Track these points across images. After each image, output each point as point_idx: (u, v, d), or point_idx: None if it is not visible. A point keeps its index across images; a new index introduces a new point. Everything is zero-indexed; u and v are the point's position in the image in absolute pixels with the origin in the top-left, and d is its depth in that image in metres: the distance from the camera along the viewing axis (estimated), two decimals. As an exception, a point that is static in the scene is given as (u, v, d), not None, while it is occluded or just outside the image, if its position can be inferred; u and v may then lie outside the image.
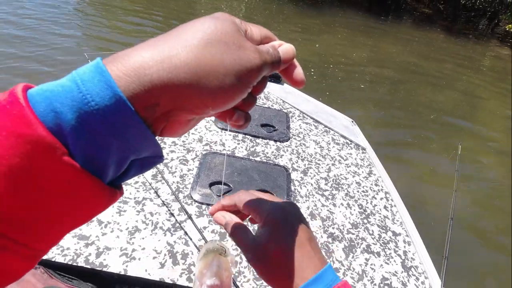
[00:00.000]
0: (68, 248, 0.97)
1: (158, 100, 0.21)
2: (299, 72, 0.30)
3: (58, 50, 4.05)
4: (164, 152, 1.42)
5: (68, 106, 0.19)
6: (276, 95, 2.17)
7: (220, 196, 1.26)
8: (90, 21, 5.18)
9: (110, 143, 0.20)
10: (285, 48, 0.29)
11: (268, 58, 0.27)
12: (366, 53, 6.87)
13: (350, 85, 5.17)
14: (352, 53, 6.70)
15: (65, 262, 0.93)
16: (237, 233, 0.39)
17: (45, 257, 0.94)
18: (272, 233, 0.36)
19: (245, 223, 0.43)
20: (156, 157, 0.26)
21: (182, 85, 0.21)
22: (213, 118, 1.74)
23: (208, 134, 1.61)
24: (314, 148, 1.72)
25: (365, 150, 1.83)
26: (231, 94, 0.24)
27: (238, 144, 1.60)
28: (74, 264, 0.93)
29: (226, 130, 1.67)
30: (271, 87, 2.27)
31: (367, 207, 1.42)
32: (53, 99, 0.19)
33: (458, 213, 1.27)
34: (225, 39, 0.23)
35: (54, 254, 0.94)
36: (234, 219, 0.41)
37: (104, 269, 0.94)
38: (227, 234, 0.41)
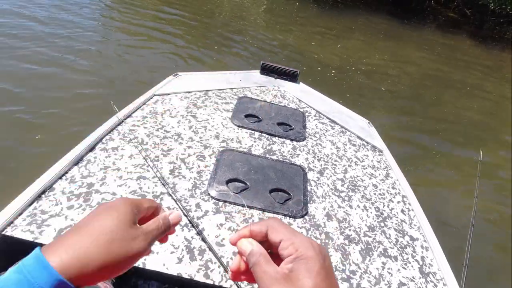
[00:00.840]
0: None
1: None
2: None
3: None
4: (182, 147, 1.43)
5: None
6: (292, 94, 2.15)
7: (237, 193, 1.26)
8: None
9: None
10: (174, 216, 0.47)
11: (156, 233, 0.43)
12: (388, 57, 6.63)
13: (371, 88, 5.05)
14: (373, 56, 6.50)
15: None
16: (263, 264, 0.34)
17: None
18: (310, 271, 0.32)
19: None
20: None
21: (93, 274, 0.34)
22: (229, 115, 1.74)
23: (224, 131, 1.61)
24: (331, 149, 1.70)
25: (382, 152, 1.80)
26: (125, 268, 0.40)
27: (255, 142, 1.59)
28: None
29: (242, 127, 1.67)
30: (287, 86, 2.26)
31: (384, 210, 1.40)
32: None
33: (478, 220, 1.24)
34: (121, 232, 0.37)
35: None
36: (260, 248, 0.37)
37: None
38: (249, 265, 0.35)
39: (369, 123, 2.06)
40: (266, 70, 2.32)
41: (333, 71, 5.33)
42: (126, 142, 1.38)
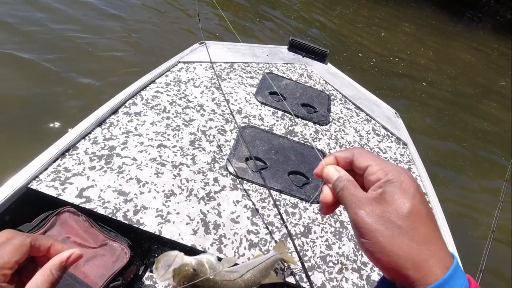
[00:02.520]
0: (109, 202, 1.00)
1: None
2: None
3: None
4: (203, 119, 1.41)
5: None
6: (319, 74, 2.07)
7: (255, 172, 1.24)
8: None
9: None
10: (73, 256, 0.38)
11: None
12: (433, 54, 6.05)
13: (409, 84, 4.75)
14: (418, 50, 5.97)
15: (106, 214, 0.97)
16: (351, 187, 0.32)
17: (87, 206, 0.98)
18: (406, 193, 0.29)
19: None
20: None
21: None
22: (254, 90, 1.70)
23: (247, 106, 1.58)
24: (354, 136, 1.65)
25: (406, 145, 1.73)
26: None
27: (277, 121, 1.55)
28: (114, 217, 0.97)
29: (266, 104, 1.62)
30: (314, 65, 2.16)
31: None
32: None
33: (499, 227, 1.19)
34: None
35: (96, 205, 0.98)
36: (347, 174, 0.34)
37: (141, 227, 0.97)
38: (336, 191, 0.33)
39: (396, 113, 1.98)
40: (294, 47, 2.22)
41: (374, 60, 5.04)
42: (148, 108, 1.37)
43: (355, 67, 4.57)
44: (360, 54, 5.12)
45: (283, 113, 1.62)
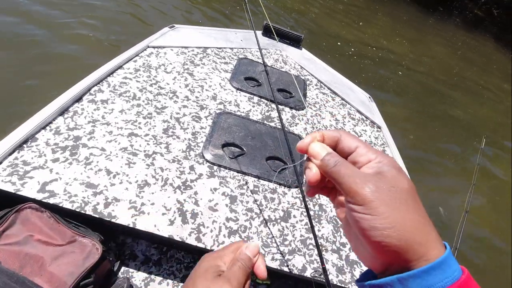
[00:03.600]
0: (76, 195, 0.93)
1: None
2: (263, 268, 0.38)
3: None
4: (177, 106, 1.35)
5: None
6: (294, 60, 2.05)
7: (232, 158, 1.21)
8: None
9: None
10: (251, 249, 0.38)
11: (239, 274, 0.36)
12: (408, 44, 6.25)
13: (385, 72, 4.86)
14: (393, 40, 6.12)
15: (73, 208, 0.90)
16: (347, 163, 0.30)
17: (52, 201, 0.90)
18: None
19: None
20: None
21: None
22: (228, 76, 1.65)
23: (222, 92, 1.53)
24: (330, 120, 1.66)
25: (380, 128, 1.77)
26: None
27: (253, 106, 1.52)
28: (82, 211, 0.90)
29: (241, 90, 1.58)
30: (289, 50, 2.14)
31: None
32: None
33: (472, 209, 1.25)
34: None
35: (61, 200, 0.91)
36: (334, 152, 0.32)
37: (113, 220, 0.91)
38: (328, 167, 0.30)
39: (369, 97, 2.01)
40: (269, 32, 2.18)
41: (352, 49, 5.07)
42: (116, 95, 1.29)
43: (334, 56, 4.60)
44: (339, 43, 5.15)
45: (259, 98, 1.58)
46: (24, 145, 1.00)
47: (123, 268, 1.06)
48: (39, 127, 1.06)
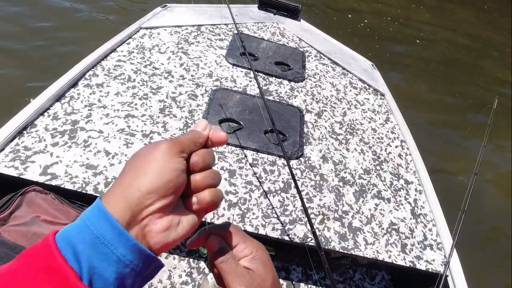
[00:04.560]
0: (77, 176, 0.95)
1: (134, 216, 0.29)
2: (218, 133, 0.37)
3: None
4: (172, 85, 1.34)
5: (83, 243, 0.26)
6: (292, 32, 1.98)
7: (230, 133, 1.21)
8: None
9: (111, 259, 0.27)
10: (213, 132, 0.37)
11: (189, 142, 0.34)
12: (429, 13, 5.81)
13: (402, 45, 4.48)
14: (411, 10, 5.71)
15: (75, 189, 0.92)
16: (232, 262, 0.36)
17: (54, 183, 0.93)
18: (267, 268, 0.36)
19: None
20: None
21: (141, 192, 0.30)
22: (224, 52, 1.61)
23: (218, 69, 1.50)
24: (330, 91, 1.62)
25: (383, 96, 1.72)
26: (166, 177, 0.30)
27: (250, 81, 1.50)
28: (84, 192, 0.92)
29: (237, 66, 1.55)
30: (287, 23, 2.07)
31: (381, 154, 1.37)
32: (72, 239, 0.26)
33: (481, 171, 1.21)
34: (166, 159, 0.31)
35: (63, 181, 0.93)
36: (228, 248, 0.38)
37: None
38: (218, 262, 0.36)
39: (372, 65, 1.94)
40: (265, 5, 2.11)
41: (366, 21, 4.79)
42: (111, 78, 1.28)
43: (345, 30, 4.39)
44: (349, 16, 4.92)
45: (256, 73, 1.55)
46: (24, 132, 1.02)
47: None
48: (37, 113, 1.08)
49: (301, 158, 1.23)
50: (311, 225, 0.79)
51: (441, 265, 1.04)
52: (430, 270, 1.02)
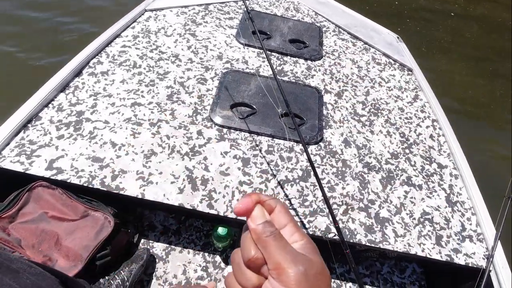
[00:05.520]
0: (83, 170, 0.91)
1: None
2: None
3: None
4: (180, 70, 1.26)
5: None
6: (307, 6, 1.83)
7: (242, 118, 1.12)
8: None
9: None
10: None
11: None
12: None
13: (433, 20, 4.16)
14: None
15: (81, 183, 0.88)
16: (278, 237, 0.28)
17: (60, 178, 0.88)
18: (321, 259, 0.28)
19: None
20: None
21: None
22: (234, 32, 1.51)
23: (228, 50, 1.40)
24: (351, 68, 1.48)
25: (411, 71, 1.56)
26: None
27: (263, 62, 1.39)
28: (90, 186, 0.88)
29: (249, 46, 1.44)
30: (302, -4, 1.91)
31: (410, 136, 1.24)
32: None
33: None
34: None
35: (69, 176, 0.89)
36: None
37: (121, 192, 0.88)
38: (262, 235, 0.27)
39: (398, 37, 1.76)
40: None
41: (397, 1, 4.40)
42: (116, 65, 1.22)
43: (373, 8, 4.04)
44: None
45: (269, 52, 1.44)
46: (29, 125, 0.98)
47: (143, 240, 1.06)
48: (42, 105, 1.03)
49: (320, 143, 1.13)
50: (334, 219, 0.70)
51: (483, 259, 0.93)
52: (470, 265, 0.91)
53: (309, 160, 0.76)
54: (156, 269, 1.00)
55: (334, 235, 0.83)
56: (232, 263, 0.28)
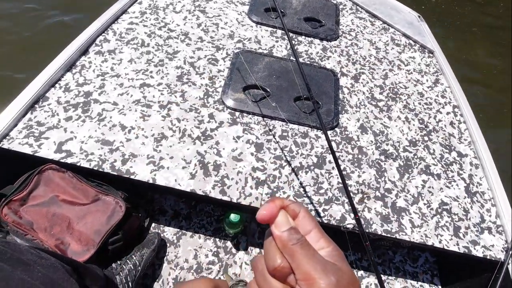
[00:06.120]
0: (92, 153, 0.88)
1: None
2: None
3: None
4: (190, 49, 1.20)
5: None
6: None
7: (256, 102, 1.07)
8: None
9: None
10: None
11: None
12: None
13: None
14: None
15: (91, 167, 0.86)
16: (306, 245, 0.26)
17: (69, 161, 0.86)
18: (349, 268, 0.26)
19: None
20: None
21: None
22: (246, 9, 1.43)
23: (240, 29, 1.33)
24: (369, 50, 1.40)
25: (432, 53, 1.47)
26: None
27: (277, 42, 1.32)
28: (100, 170, 0.86)
29: (262, 24, 1.37)
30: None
31: (430, 123, 1.19)
32: None
33: None
34: None
35: (78, 159, 0.86)
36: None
37: (132, 177, 0.86)
38: (289, 243, 0.25)
39: (419, 16, 1.66)
40: None
41: None
42: (124, 43, 1.17)
43: None
44: None
45: (283, 32, 1.37)
46: (36, 105, 0.95)
47: (154, 224, 1.05)
48: (48, 85, 1.00)
49: (336, 129, 1.08)
50: (354, 210, 0.67)
51: (502, 251, 0.90)
52: (488, 257, 0.89)
53: (330, 148, 0.72)
54: (167, 253, 0.99)
55: (354, 227, 0.80)
56: (254, 270, 0.27)
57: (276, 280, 0.25)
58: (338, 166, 0.71)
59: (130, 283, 0.85)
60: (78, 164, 0.86)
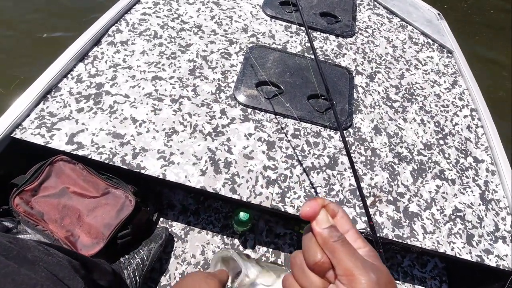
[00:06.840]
0: (103, 146, 0.88)
1: None
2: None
3: None
4: (203, 42, 1.18)
5: None
6: None
7: (269, 99, 1.05)
8: None
9: None
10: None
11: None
12: None
13: None
14: None
15: (101, 160, 0.85)
16: (346, 242, 0.27)
17: (80, 153, 0.86)
18: (386, 268, 0.27)
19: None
20: None
21: None
22: (260, 2, 1.39)
23: (254, 22, 1.30)
24: (385, 48, 1.36)
25: (451, 53, 1.43)
26: None
27: (291, 37, 1.29)
28: (111, 163, 0.85)
29: (276, 18, 1.34)
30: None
31: (446, 126, 1.15)
32: None
33: None
34: None
35: (89, 151, 0.86)
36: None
37: (142, 171, 0.85)
38: (330, 240, 0.26)
39: (438, 14, 1.61)
40: None
41: None
42: (136, 34, 1.15)
43: None
44: None
45: (298, 27, 1.33)
46: (48, 96, 0.95)
47: (162, 218, 1.05)
48: (61, 76, 0.99)
49: (349, 129, 1.06)
50: (368, 215, 0.66)
51: (516, 261, 0.88)
52: (501, 267, 0.87)
53: (346, 149, 0.70)
54: (175, 248, 0.99)
55: (367, 233, 0.79)
56: (293, 265, 0.28)
57: (315, 274, 0.26)
58: (353, 168, 0.69)
59: (137, 277, 0.85)
60: (89, 156, 0.86)
